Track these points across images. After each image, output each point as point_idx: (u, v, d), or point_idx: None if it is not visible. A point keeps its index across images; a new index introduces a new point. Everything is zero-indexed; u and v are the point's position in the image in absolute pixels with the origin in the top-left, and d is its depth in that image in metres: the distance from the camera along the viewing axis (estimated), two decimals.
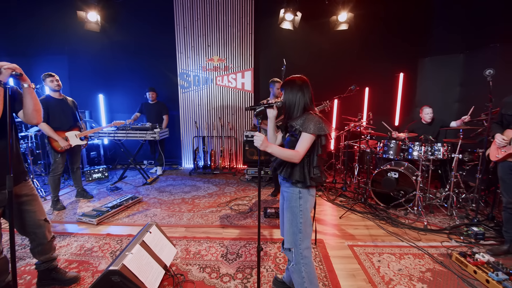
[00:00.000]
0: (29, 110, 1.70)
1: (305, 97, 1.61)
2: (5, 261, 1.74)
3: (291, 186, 1.63)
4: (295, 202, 1.62)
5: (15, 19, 5.33)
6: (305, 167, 1.59)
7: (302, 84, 1.63)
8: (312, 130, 1.51)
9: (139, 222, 3.13)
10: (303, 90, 1.61)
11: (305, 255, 1.61)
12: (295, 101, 1.61)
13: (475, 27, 4.58)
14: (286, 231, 1.66)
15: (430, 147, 3.50)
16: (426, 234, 2.90)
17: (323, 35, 5.17)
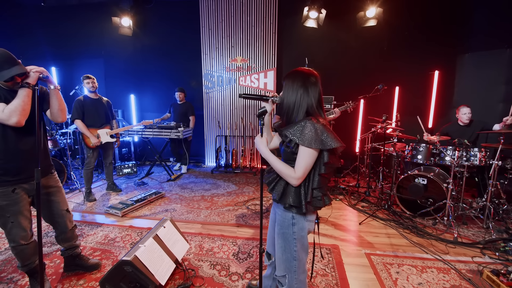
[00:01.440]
0: (55, 110, 1.86)
1: (310, 97, 1.26)
2: (35, 244, 1.93)
3: (284, 210, 1.35)
4: (287, 229, 1.35)
5: (59, 27, 5.87)
6: (301, 188, 1.28)
7: (308, 80, 1.27)
8: (313, 143, 1.19)
9: (159, 216, 3.28)
10: (307, 88, 1.26)
11: (300, 280, 1.39)
12: (295, 100, 1.28)
13: None
14: (278, 257, 1.41)
15: (465, 152, 3.19)
16: (455, 247, 2.66)
17: (349, 32, 4.97)
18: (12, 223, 1.78)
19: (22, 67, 1.66)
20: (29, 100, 1.67)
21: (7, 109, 1.62)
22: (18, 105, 1.63)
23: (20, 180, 1.79)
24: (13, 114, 1.62)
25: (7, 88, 1.72)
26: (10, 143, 1.72)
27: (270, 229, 1.61)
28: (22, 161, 1.78)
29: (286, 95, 1.32)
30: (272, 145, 1.56)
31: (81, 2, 5.66)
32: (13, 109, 1.62)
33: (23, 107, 1.64)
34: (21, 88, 1.66)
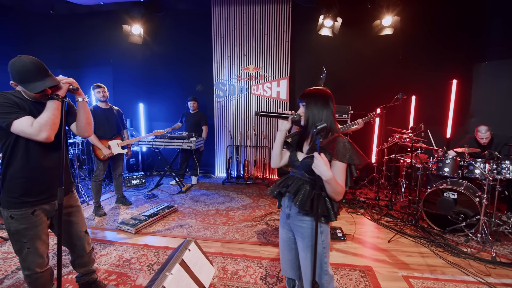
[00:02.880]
0: (82, 123, 1.72)
1: (332, 115, 1.38)
2: (51, 271, 1.76)
3: (311, 220, 1.38)
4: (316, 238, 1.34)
5: (67, 35, 5.79)
6: (327, 199, 1.35)
7: (329, 99, 1.38)
8: (347, 159, 1.28)
9: (175, 234, 3.10)
10: (330, 106, 1.38)
11: None
12: (321, 118, 1.36)
13: None
14: (306, 274, 1.39)
15: (495, 165, 3.04)
16: (495, 268, 2.48)
17: (364, 40, 4.89)
18: (29, 249, 1.61)
19: (54, 78, 1.52)
20: (59, 113, 1.52)
21: (37, 123, 1.46)
22: (49, 118, 1.48)
23: (41, 201, 1.62)
24: (43, 128, 1.46)
25: (32, 99, 1.57)
26: (33, 160, 1.57)
27: (285, 251, 1.55)
28: (44, 180, 1.62)
29: (311, 114, 1.38)
30: (283, 161, 1.58)
31: (90, 10, 5.58)
32: (43, 123, 1.46)
33: (54, 121, 1.49)
34: (50, 100, 1.51)
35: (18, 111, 1.49)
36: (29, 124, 1.47)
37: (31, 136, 1.47)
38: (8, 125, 1.46)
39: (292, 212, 1.44)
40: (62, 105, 1.53)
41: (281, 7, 4.93)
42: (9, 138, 1.53)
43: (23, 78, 1.46)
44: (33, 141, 1.52)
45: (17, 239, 1.59)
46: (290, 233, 1.51)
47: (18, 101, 1.53)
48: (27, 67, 1.45)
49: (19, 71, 1.45)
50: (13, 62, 1.46)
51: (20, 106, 1.52)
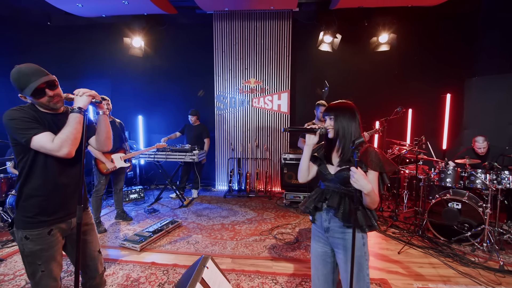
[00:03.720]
0: (102, 138, 1.68)
1: (359, 127, 1.43)
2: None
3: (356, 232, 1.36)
4: (360, 251, 1.38)
5: (65, 46, 5.72)
6: (366, 209, 1.39)
7: (355, 112, 1.45)
8: (380, 167, 1.35)
9: (182, 250, 3.00)
10: (357, 119, 1.43)
11: None
12: (351, 131, 1.41)
13: None
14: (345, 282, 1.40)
15: (495, 175, 3.16)
16: (505, 277, 2.53)
17: (362, 56, 5.07)
18: (43, 272, 1.51)
19: (50, 75, 1.45)
20: (80, 128, 1.46)
21: (58, 139, 1.41)
22: (70, 133, 1.42)
23: (58, 219, 1.54)
24: (65, 144, 1.40)
25: (50, 110, 1.52)
26: (51, 177, 1.50)
27: (319, 265, 1.52)
28: (61, 197, 1.55)
29: (341, 126, 1.42)
30: (311, 175, 1.60)
31: (89, 23, 5.56)
32: (65, 139, 1.41)
33: (75, 136, 1.44)
34: (71, 113, 1.46)
35: (37, 126, 1.43)
36: (49, 139, 1.41)
37: (51, 152, 1.41)
38: (28, 141, 1.39)
39: (332, 225, 1.43)
40: (84, 118, 1.49)
41: (281, 23, 5.07)
42: (27, 154, 1.46)
43: (22, 85, 1.39)
44: (52, 157, 1.46)
45: (31, 261, 1.49)
46: (327, 247, 1.50)
47: (36, 115, 1.47)
48: (23, 72, 1.40)
49: (17, 79, 1.39)
50: (11, 73, 1.41)
51: (39, 121, 1.46)
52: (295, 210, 4.35)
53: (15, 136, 1.41)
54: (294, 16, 5.09)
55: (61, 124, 1.49)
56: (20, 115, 1.42)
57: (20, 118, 1.41)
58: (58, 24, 5.70)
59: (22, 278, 2.46)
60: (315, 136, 1.49)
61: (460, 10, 4.63)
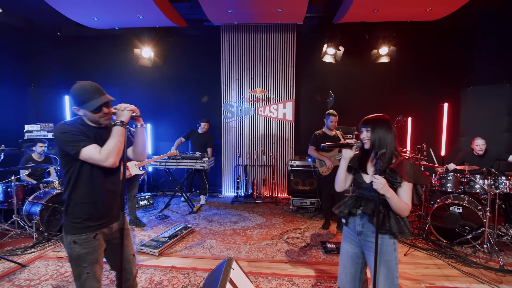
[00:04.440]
0: (139, 149, 1.82)
1: (395, 139, 1.52)
2: None
3: (389, 238, 1.51)
4: (390, 256, 1.50)
5: (74, 56, 5.87)
6: (399, 217, 1.49)
7: (391, 124, 1.55)
8: (414, 179, 1.45)
9: (199, 254, 3.12)
10: (392, 131, 1.53)
11: None
12: (387, 143, 1.51)
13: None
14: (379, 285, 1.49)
15: (493, 181, 3.36)
16: (505, 276, 2.70)
17: (363, 67, 5.32)
18: (88, 273, 1.63)
19: (108, 96, 1.64)
20: (123, 139, 1.61)
21: (105, 150, 1.55)
22: (115, 145, 1.57)
23: (102, 225, 1.68)
24: (111, 155, 1.55)
25: (95, 123, 1.67)
26: (96, 184, 1.64)
27: (348, 264, 1.65)
28: (105, 203, 1.68)
29: (378, 138, 1.53)
30: (347, 184, 1.72)
31: (99, 33, 5.70)
32: (111, 150, 1.55)
33: (119, 147, 1.59)
34: (114, 126, 1.61)
35: (85, 139, 1.57)
36: (97, 151, 1.55)
37: (99, 162, 1.55)
38: (77, 153, 1.53)
39: (365, 230, 1.56)
40: (125, 131, 1.64)
41: (286, 35, 5.31)
42: (75, 164, 1.59)
43: (82, 99, 1.55)
44: (97, 166, 1.60)
45: (78, 264, 1.61)
46: (358, 249, 1.63)
47: (83, 128, 1.62)
48: (85, 88, 1.57)
49: (78, 94, 1.56)
50: (73, 87, 1.58)
51: (86, 134, 1.61)
52: (302, 215, 4.50)
53: (65, 148, 1.55)
54: (298, 29, 5.33)
55: (104, 137, 1.64)
56: (71, 128, 1.57)
57: (70, 131, 1.56)
58: (68, 35, 5.85)
59: (48, 283, 2.56)
60: (352, 151, 1.61)
61: (456, 24, 4.90)
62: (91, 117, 1.63)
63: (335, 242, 3.34)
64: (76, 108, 1.62)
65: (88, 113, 1.59)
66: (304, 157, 4.86)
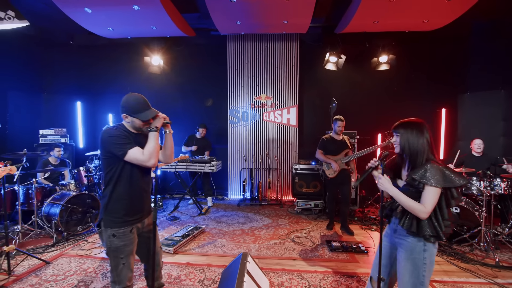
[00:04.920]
0: (168, 152, 2.02)
1: (428, 144, 1.54)
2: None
3: (418, 240, 1.55)
4: (418, 255, 1.54)
5: (85, 64, 6.11)
6: (434, 220, 1.51)
7: (424, 128, 1.56)
8: (436, 182, 1.45)
9: (211, 252, 3.30)
10: (424, 136, 1.54)
11: None
12: (418, 147, 1.54)
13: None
14: (404, 281, 1.58)
15: (489, 183, 3.55)
16: (500, 271, 2.88)
17: (364, 74, 5.55)
18: (124, 264, 1.82)
19: (155, 110, 1.84)
20: (158, 143, 1.81)
21: (147, 152, 1.75)
22: (154, 148, 1.77)
23: (136, 220, 1.87)
24: (152, 156, 1.75)
25: (135, 130, 1.86)
26: (134, 184, 1.83)
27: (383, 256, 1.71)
28: (140, 201, 1.88)
29: (406, 143, 1.58)
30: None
31: (110, 42, 5.92)
32: (152, 151, 1.75)
33: (157, 149, 1.79)
34: (150, 131, 1.80)
35: (130, 142, 1.77)
36: (141, 152, 1.75)
37: (142, 162, 1.75)
38: (124, 154, 1.73)
39: (398, 228, 1.65)
40: (158, 135, 1.85)
41: (290, 44, 5.55)
42: (116, 165, 1.79)
43: (136, 109, 1.77)
44: (135, 167, 1.80)
45: (116, 255, 1.80)
46: (392, 244, 1.73)
47: (127, 133, 1.83)
48: (139, 100, 1.79)
49: (133, 104, 1.77)
50: (127, 97, 1.79)
51: (129, 138, 1.81)
52: (307, 216, 4.68)
53: (112, 150, 1.74)
54: (301, 38, 5.58)
55: (139, 142, 1.84)
56: (117, 133, 1.77)
57: (117, 135, 1.76)
58: (80, 43, 6.09)
59: (73, 278, 2.73)
60: (378, 170, 1.67)
61: (453, 33, 5.13)
62: (138, 125, 1.83)
63: (340, 241, 3.53)
64: (125, 116, 1.81)
65: (137, 121, 1.80)
66: (308, 161, 5.06)
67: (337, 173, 3.83)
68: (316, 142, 4.11)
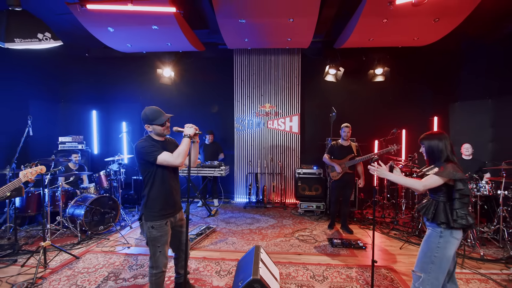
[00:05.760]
0: (194, 158, 2.39)
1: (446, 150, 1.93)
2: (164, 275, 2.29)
3: (435, 225, 1.89)
4: (434, 238, 1.88)
5: (100, 75, 6.52)
6: (447, 210, 1.84)
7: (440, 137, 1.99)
8: (439, 173, 1.82)
9: (224, 248, 3.64)
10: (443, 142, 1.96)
11: (432, 282, 1.86)
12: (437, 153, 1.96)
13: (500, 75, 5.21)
14: (419, 258, 1.98)
15: (475, 185, 3.92)
16: (484, 264, 3.23)
17: (361, 85, 5.97)
18: (160, 252, 2.18)
19: (167, 114, 2.25)
20: (187, 148, 2.17)
21: (176, 153, 2.12)
22: (183, 150, 2.13)
23: (170, 214, 2.24)
24: (179, 156, 2.11)
25: (160, 138, 2.25)
26: (166, 183, 2.20)
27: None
28: (172, 198, 2.25)
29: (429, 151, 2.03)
30: None
31: (123, 55, 6.34)
32: (180, 152, 2.12)
33: (185, 151, 2.15)
34: (184, 138, 2.17)
35: (158, 149, 2.16)
36: (169, 155, 2.13)
37: (171, 162, 2.11)
38: (155, 160, 2.11)
39: (424, 220, 2.06)
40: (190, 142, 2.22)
41: (292, 57, 5.99)
42: (151, 169, 2.16)
43: (153, 117, 2.17)
44: (166, 169, 2.18)
45: (154, 244, 2.16)
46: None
47: (154, 143, 2.21)
48: (153, 110, 2.21)
49: (150, 113, 2.19)
50: (144, 111, 2.21)
51: (157, 146, 2.19)
52: (309, 217, 5.02)
53: (146, 158, 2.13)
54: (303, 52, 6.01)
55: (166, 147, 2.22)
56: (146, 144, 2.16)
57: (148, 146, 2.14)
58: (95, 56, 6.49)
59: (103, 270, 3.07)
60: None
61: (443, 47, 5.54)
62: (158, 131, 2.22)
63: (340, 238, 3.87)
64: (147, 126, 2.22)
65: (157, 127, 2.20)
66: (310, 166, 5.43)
67: (341, 176, 4.18)
68: (317, 148, 4.50)
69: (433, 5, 3.45)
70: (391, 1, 2.97)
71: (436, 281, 1.86)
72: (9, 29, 3.22)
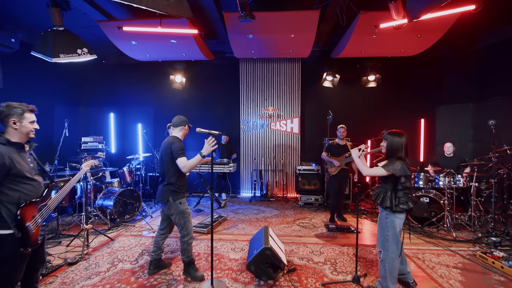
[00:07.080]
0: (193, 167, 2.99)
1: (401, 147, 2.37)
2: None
3: (382, 209, 2.39)
4: (383, 220, 2.40)
5: (116, 80, 7.10)
6: (392, 197, 2.28)
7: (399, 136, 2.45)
8: (385, 166, 2.30)
9: (236, 232, 4.25)
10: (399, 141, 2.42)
11: (391, 256, 2.34)
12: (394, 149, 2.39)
13: (479, 81, 5.84)
14: (378, 238, 2.50)
15: (452, 178, 4.54)
16: (456, 243, 3.84)
17: (355, 90, 6.59)
18: (188, 221, 2.81)
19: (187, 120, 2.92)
20: (197, 164, 2.74)
21: (187, 164, 2.68)
22: (191, 165, 2.70)
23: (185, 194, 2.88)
24: (186, 167, 2.68)
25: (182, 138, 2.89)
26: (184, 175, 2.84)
27: None
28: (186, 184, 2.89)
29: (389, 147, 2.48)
30: None
31: (138, 62, 6.94)
32: (189, 166, 2.69)
33: (193, 167, 2.72)
34: (199, 154, 2.71)
35: (183, 152, 2.77)
36: (184, 162, 2.69)
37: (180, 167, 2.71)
38: (177, 158, 2.71)
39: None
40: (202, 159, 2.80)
41: (293, 65, 6.60)
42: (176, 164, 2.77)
43: (186, 122, 2.89)
44: None
45: (183, 216, 2.79)
46: None
47: (182, 146, 2.82)
48: (182, 117, 2.89)
49: (185, 120, 2.90)
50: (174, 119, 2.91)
51: (183, 149, 2.80)
52: (308, 209, 5.63)
53: (174, 154, 2.73)
54: (303, 60, 6.63)
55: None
56: (179, 145, 2.77)
57: (179, 147, 2.76)
58: (112, 62, 7.09)
59: (136, 248, 3.67)
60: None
61: (428, 56, 6.18)
62: (185, 133, 2.94)
63: (335, 225, 4.48)
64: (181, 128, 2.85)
65: (185, 128, 2.89)
66: (309, 163, 6.04)
67: (338, 171, 4.77)
68: (316, 147, 5.10)
69: (414, 24, 4.06)
70: (376, 25, 3.58)
71: (393, 254, 2.35)
72: (55, 47, 3.86)
